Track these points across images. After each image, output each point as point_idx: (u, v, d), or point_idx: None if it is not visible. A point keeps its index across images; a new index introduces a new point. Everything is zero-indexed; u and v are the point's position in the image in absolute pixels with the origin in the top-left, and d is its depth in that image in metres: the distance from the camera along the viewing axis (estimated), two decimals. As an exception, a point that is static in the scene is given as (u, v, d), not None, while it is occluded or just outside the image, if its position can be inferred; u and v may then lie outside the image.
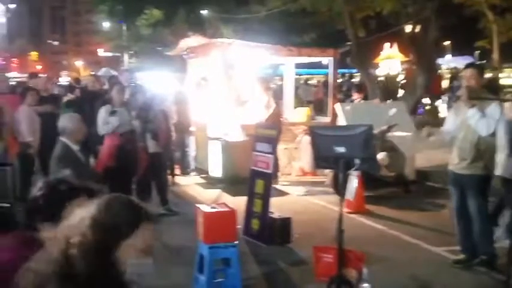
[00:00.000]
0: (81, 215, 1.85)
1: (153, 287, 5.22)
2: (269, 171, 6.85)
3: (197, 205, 5.21)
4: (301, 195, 9.36)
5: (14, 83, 18.18)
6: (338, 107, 9.96)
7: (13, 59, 52.12)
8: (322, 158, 4.96)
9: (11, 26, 68.62)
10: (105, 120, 7.39)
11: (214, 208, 5.12)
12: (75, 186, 2.32)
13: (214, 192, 9.43)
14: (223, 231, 4.99)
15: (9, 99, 8.15)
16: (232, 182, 9.40)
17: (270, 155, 6.85)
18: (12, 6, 69.27)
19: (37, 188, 2.25)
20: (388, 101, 12.75)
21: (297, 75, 14.14)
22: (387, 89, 14.92)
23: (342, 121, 9.52)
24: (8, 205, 4.31)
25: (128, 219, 1.88)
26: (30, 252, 2.17)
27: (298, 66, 13.89)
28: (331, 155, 4.61)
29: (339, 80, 15.70)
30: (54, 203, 2.20)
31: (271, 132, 7.08)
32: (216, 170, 10.11)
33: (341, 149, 4.50)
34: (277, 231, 6.58)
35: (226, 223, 5.05)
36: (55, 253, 1.82)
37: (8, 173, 4.49)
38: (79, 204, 2.16)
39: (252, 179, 7.01)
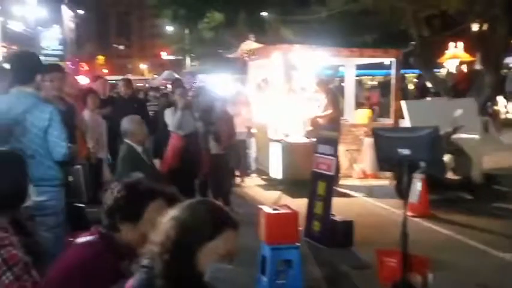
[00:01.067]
0: (167, 216, 1.87)
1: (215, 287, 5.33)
2: (331, 173, 6.81)
3: (260, 206, 5.24)
4: (362, 198, 9.25)
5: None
6: (403, 105, 9.69)
7: (81, 63, 54.03)
8: (385, 160, 4.89)
9: (80, 31, 71.22)
10: (178, 120, 7.54)
11: (277, 210, 5.14)
12: (152, 188, 2.35)
13: (275, 194, 9.45)
14: (285, 233, 5.00)
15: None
16: (293, 184, 9.39)
17: (331, 157, 6.80)
18: (81, 12, 71.91)
19: (116, 189, 2.29)
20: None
21: (356, 76, 14.00)
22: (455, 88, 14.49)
23: (406, 120, 9.30)
24: (82, 205, 4.48)
25: (211, 223, 1.87)
26: (109, 249, 2.25)
27: (358, 67, 13.73)
28: (395, 157, 4.53)
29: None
30: (134, 203, 2.27)
31: (333, 134, 7.03)
32: (276, 171, 10.13)
33: (405, 151, 4.42)
34: (338, 234, 6.53)
35: (288, 224, 5.06)
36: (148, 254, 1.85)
37: (81, 173, 4.65)
38: (158, 206, 2.23)
39: (313, 181, 6.98)
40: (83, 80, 19.77)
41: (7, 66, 4.63)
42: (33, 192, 2.74)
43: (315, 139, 8.28)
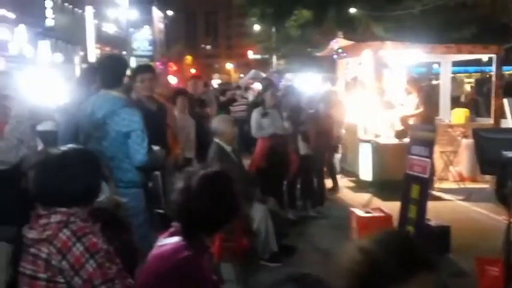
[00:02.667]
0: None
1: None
2: (426, 175, 6.48)
3: (352, 209, 5.07)
4: (459, 202, 8.79)
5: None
6: (506, 103, 9.10)
7: (170, 64, 55.67)
8: (487, 163, 4.61)
9: (169, 31, 73.48)
10: (258, 123, 7.51)
11: (369, 213, 4.94)
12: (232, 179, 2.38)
13: (365, 196, 9.20)
14: (379, 238, 4.79)
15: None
16: (383, 186, 9.09)
17: (427, 159, 6.48)
18: (170, 13, 74.18)
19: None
20: None
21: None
22: None
23: (510, 120, 8.71)
24: (161, 211, 4.49)
25: (406, 261, 1.55)
26: (198, 250, 2.24)
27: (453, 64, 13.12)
28: (499, 159, 4.25)
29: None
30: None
31: (429, 135, 6.69)
32: (366, 173, 9.85)
33: (511, 154, 4.14)
34: (434, 240, 6.21)
35: (381, 228, 4.84)
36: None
37: (159, 179, 4.64)
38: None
39: (406, 184, 6.67)
40: (172, 80, 20.26)
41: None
42: (106, 189, 2.76)
43: (407, 140, 7.97)
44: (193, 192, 2.26)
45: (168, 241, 2.29)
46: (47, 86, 5.26)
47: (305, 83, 14.71)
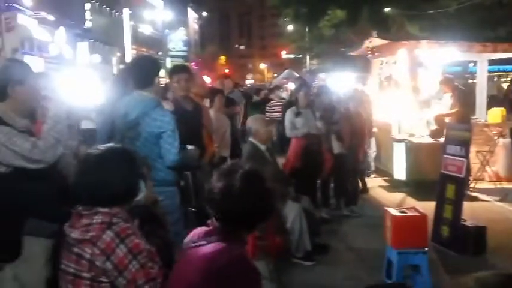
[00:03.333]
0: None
1: (339, 288, 5.26)
2: (461, 175, 6.43)
3: (386, 208, 5.06)
4: (495, 203, 8.66)
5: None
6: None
7: (204, 63, 56.04)
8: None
9: (203, 32, 74.04)
10: (291, 123, 7.56)
11: (404, 212, 4.93)
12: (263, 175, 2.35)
13: (399, 196, 9.14)
14: (413, 237, 4.79)
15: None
16: (418, 186, 9.03)
17: (462, 159, 6.43)
18: (204, 14, 74.71)
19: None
20: None
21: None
22: None
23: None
24: (194, 209, 4.56)
25: None
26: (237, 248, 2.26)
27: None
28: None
29: None
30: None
31: (465, 134, 6.63)
32: (400, 172, 9.79)
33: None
34: (469, 240, 6.15)
35: (416, 228, 4.84)
36: None
37: (190, 178, 4.69)
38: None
39: (442, 183, 6.64)
40: (206, 80, 20.42)
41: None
42: (144, 188, 2.81)
43: (442, 139, 7.90)
44: (235, 191, 2.23)
45: (206, 240, 2.26)
46: (85, 87, 5.39)
47: (338, 83, 14.65)
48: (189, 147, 4.42)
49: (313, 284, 5.44)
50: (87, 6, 32.35)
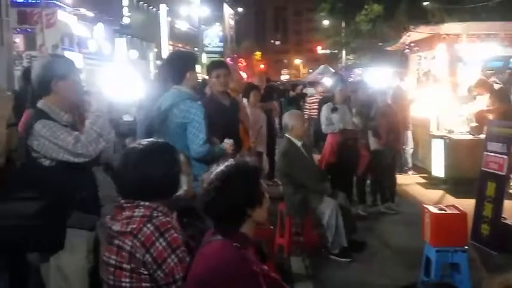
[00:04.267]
0: None
1: (375, 286, 5.22)
2: (503, 173, 6.29)
3: (424, 206, 4.99)
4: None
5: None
6: None
7: (240, 59, 56.15)
8: None
9: (239, 27, 74.20)
10: (327, 119, 7.52)
11: (443, 210, 4.85)
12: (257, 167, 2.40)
13: (437, 193, 9.00)
14: (452, 235, 4.70)
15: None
16: (456, 183, 8.86)
17: (504, 156, 6.28)
18: (240, 9, 74.82)
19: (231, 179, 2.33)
20: None
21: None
22: None
23: None
24: None
25: None
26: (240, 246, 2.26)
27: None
28: None
29: None
30: (257, 184, 2.35)
31: (507, 131, 6.47)
32: (438, 169, 9.64)
33: None
34: (510, 239, 6.01)
35: (456, 226, 4.75)
36: None
37: None
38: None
39: (482, 181, 6.50)
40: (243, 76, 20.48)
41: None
42: (184, 183, 2.85)
43: (482, 136, 7.74)
44: (212, 190, 2.28)
45: (213, 238, 2.33)
46: (124, 82, 5.48)
47: (375, 78, 14.49)
48: (226, 140, 4.44)
49: (349, 281, 5.40)
50: (125, 2, 32.81)
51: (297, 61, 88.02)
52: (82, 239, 3.22)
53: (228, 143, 4.41)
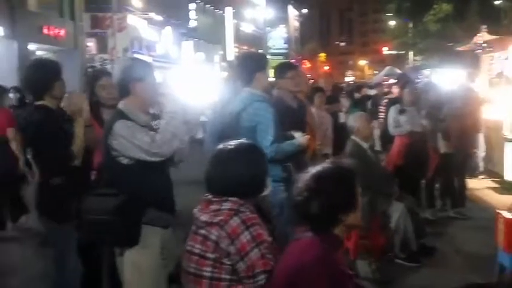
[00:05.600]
0: None
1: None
2: None
3: (498, 211, 4.83)
4: None
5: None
6: None
7: (304, 61, 56.02)
8: None
9: (304, 29, 74.03)
10: (395, 121, 7.41)
11: (519, 216, 4.68)
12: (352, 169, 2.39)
13: (510, 198, 8.65)
14: (528, 242, 4.54)
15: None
16: (531, 189, 8.53)
17: None
18: (304, 11, 74.68)
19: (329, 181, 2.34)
20: None
21: None
22: None
23: None
24: None
25: None
26: (327, 248, 2.29)
27: None
28: None
29: None
30: (351, 190, 2.35)
31: None
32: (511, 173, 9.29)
33: None
34: None
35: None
36: None
37: (292, 171, 4.66)
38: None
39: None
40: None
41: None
42: (269, 184, 2.90)
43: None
44: (305, 190, 2.31)
45: (304, 235, 2.35)
46: (195, 84, 5.60)
47: (444, 79, 14.13)
48: (296, 134, 4.46)
49: (417, 286, 5.31)
50: (193, 6, 33.45)
51: (362, 62, 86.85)
52: (156, 237, 3.33)
53: (300, 135, 4.43)
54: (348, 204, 2.31)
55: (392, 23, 38.01)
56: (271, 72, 5.28)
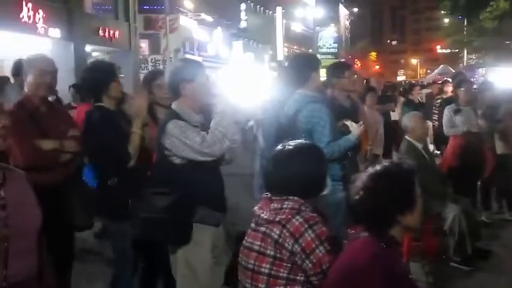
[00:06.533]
0: None
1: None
2: None
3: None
4: None
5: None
6: None
7: (355, 60, 55.44)
8: None
9: (354, 28, 73.29)
10: (450, 121, 7.25)
11: None
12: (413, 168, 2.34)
13: None
14: None
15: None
16: None
17: None
18: (355, 10, 73.92)
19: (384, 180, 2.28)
20: None
21: None
22: None
23: None
24: None
25: None
26: (381, 249, 2.23)
27: None
28: None
29: None
30: (410, 190, 2.30)
31: None
32: None
33: None
34: None
35: None
36: None
37: (348, 169, 4.62)
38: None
39: None
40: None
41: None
42: (328, 184, 2.90)
43: None
44: (361, 189, 2.27)
45: (360, 235, 2.32)
46: (245, 84, 5.64)
47: (500, 78, 13.71)
48: (349, 123, 4.45)
49: (472, 290, 5.19)
50: (243, 6, 33.65)
51: (414, 61, 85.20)
52: (208, 235, 3.38)
53: (354, 126, 4.41)
54: (406, 204, 2.26)
55: (446, 20, 37.12)
56: (323, 72, 5.25)
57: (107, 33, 19.56)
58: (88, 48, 18.93)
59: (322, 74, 5.22)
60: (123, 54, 20.15)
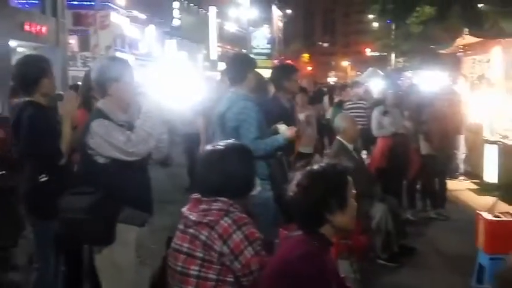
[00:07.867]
0: None
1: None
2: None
3: (478, 212, 4.88)
4: None
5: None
6: None
7: (288, 61, 56.07)
8: None
9: (287, 29, 74.15)
10: (378, 122, 7.45)
11: (498, 217, 4.74)
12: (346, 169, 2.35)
13: (489, 199, 8.75)
14: (508, 242, 4.57)
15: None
16: (509, 189, 8.60)
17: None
18: (288, 11, 74.84)
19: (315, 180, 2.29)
20: None
21: None
22: None
23: None
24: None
25: None
26: (314, 247, 2.27)
27: None
28: None
29: None
30: (341, 188, 2.30)
31: None
32: (491, 175, 9.38)
33: None
34: None
35: (511, 233, 4.63)
36: None
37: (275, 167, 4.65)
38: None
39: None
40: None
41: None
42: (257, 183, 2.90)
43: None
44: (294, 188, 2.29)
45: (295, 233, 2.35)
46: (175, 83, 5.59)
47: (426, 81, 14.23)
48: (279, 126, 4.48)
49: (398, 286, 5.33)
50: (176, 4, 33.33)
51: (345, 63, 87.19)
52: (132, 234, 3.32)
53: (285, 128, 4.44)
54: (336, 204, 2.27)
55: (375, 24, 38.20)
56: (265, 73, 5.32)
57: (33, 29, 18.85)
58: (13, 43, 18.18)
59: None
60: (50, 51, 19.42)
